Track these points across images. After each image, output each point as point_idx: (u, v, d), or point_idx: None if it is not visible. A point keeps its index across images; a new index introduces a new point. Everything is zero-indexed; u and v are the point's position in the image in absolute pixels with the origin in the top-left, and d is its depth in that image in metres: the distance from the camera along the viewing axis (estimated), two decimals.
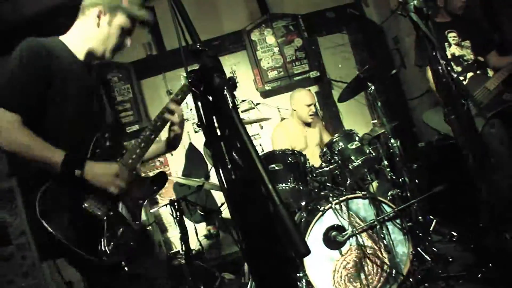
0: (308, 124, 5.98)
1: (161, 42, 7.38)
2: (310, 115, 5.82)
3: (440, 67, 2.22)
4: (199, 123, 1.48)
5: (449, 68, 2.22)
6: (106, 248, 2.41)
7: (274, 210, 1.22)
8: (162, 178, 3.00)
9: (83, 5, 2.79)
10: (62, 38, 2.76)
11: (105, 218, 2.49)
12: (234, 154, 1.40)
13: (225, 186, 1.46)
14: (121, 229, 2.56)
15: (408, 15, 2.17)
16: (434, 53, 2.21)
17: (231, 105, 1.35)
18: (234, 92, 1.41)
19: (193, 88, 1.47)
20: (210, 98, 1.45)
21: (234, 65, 7.37)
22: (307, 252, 1.24)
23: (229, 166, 1.42)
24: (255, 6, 7.55)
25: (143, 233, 2.94)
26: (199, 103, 1.47)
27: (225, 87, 1.38)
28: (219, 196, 6.82)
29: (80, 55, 2.75)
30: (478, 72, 4.77)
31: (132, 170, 2.74)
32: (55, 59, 2.53)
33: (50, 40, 2.66)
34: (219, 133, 1.45)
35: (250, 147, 1.26)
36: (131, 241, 2.61)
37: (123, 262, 2.51)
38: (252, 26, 7.22)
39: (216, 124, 1.45)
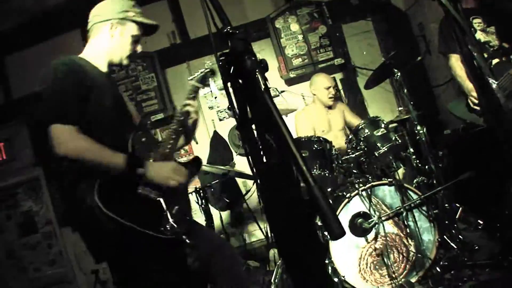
0: (329, 107, 5.99)
1: (184, 31, 7.41)
2: (330, 98, 5.86)
3: (469, 52, 2.19)
4: (229, 106, 1.49)
5: (479, 52, 2.19)
6: (169, 225, 2.58)
7: (307, 192, 1.22)
8: (197, 162, 3.28)
9: (93, 25, 3.03)
10: (82, 56, 2.98)
11: (161, 199, 2.66)
12: (267, 137, 1.40)
13: (255, 170, 1.46)
14: (176, 207, 2.73)
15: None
16: (463, 38, 2.18)
17: (263, 87, 1.34)
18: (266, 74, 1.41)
19: (224, 71, 1.47)
20: (241, 81, 1.45)
21: (258, 53, 7.34)
22: (342, 233, 1.24)
23: (260, 149, 1.42)
24: None
25: None
26: (230, 87, 1.47)
27: (256, 70, 1.38)
28: (243, 184, 6.83)
29: (103, 68, 3.00)
30: (504, 58, 4.70)
31: (170, 159, 2.93)
32: (87, 74, 2.75)
33: (77, 58, 2.89)
34: (250, 116, 1.45)
35: (284, 129, 1.26)
36: (186, 215, 2.89)
37: (184, 236, 2.66)
38: (276, 13, 7.20)
39: (247, 107, 1.45)
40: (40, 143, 7.28)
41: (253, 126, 1.46)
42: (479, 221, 4.90)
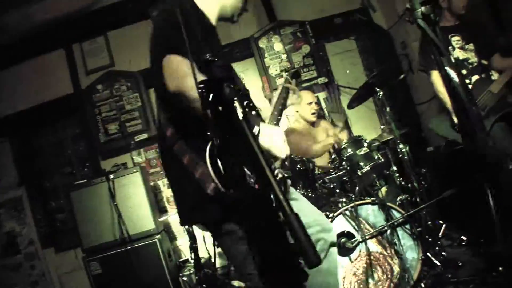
0: (313, 124, 6.03)
1: None
2: (313, 113, 5.89)
3: (447, 72, 2.23)
4: (208, 134, 1.49)
5: (458, 72, 2.22)
6: None
7: (285, 220, 1.24)
8: None
9: None
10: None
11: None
12: (244, 167, 1.40)
13: (236, 197, 1.47)
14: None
15: (415, 21, 2.17)
16: (441, 59, 2.21)
17: (241, 116, 1.36)
18: (245, 102, 1.42)
19: (203, 99, 1.48)
20: (220, 108, 1.45)
21: (243, 72, 7.39)
22: (318, 262, 1.25)
23: (239, 178, 1.43)
24: (263, 13, 7.58)
25: None
26: (209, 114, 1.48)
27: (235, 98, 1.39)
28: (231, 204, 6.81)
29: (213, 19, 2.85)
30: (483, 75, 4.76)
31: None
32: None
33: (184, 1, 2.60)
34: (228, 145, 1.46)
35: (261, 158, 1.27)
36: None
37: None
38: (260, 33, 7.26)
39: (227, 135, 1.46)
40: (23, 162, 7.27)
41: (233, 155, 1.47)
42: (462, 237, 4.91)
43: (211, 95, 1.44)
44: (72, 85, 7.38)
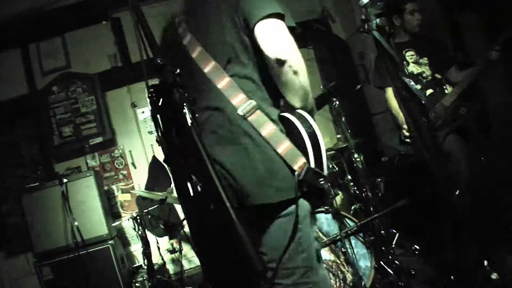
0: None
1: (126, 54, 7.33)
2: None
3: (402, 83, 2.25)
4: (157, 139, 1.47)
5: (411, 84, 2.24)
6: None
7: (232, 227, 1.22)
8: None
9: None
10: None
11: None
12: (192, 173, 1.39)
13: (184, 203, 1.45)
14: None
15: (370, 33, 2.19)
16: (396, 72, 2.23)
17: (190, 121, 1.34)
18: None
19: (153, 104, 1.46)
20: (170, 113, 1.44)
21: None
22: (264, 270, 1.24)
23: (188, 183, 1.41)
24: None
25: None
26: (159, 119, 1.46)
27: (185, 103, 1.38)
28: (182, 210, 6.77)
29: None
30: (437, 89, 4.82)
31: None
32: None
33: None
34: (178, 149, 1.44)
35: (208, 164, 1.25)
36: None
37: None
38: None
39: (175, 140, 1.44)
40: None
41: (181, 160, 1.45)
42: (415, 246, 4.96)
43: (161, 99, 1.42)
44: (27, 86, 7.20)
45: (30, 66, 7.26)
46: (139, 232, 5.29)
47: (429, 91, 4.78)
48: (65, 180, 5.83)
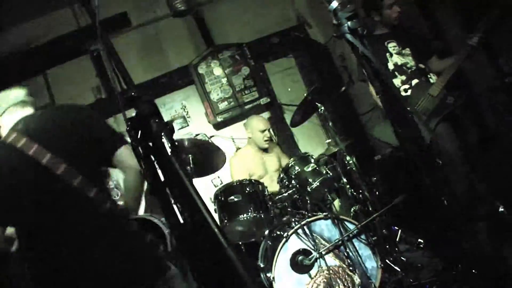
0: (265, 150, 6.00)
1: (109, 85, 7.31)
2: (266, 141, 5.86)
3: (380, 84, 2.25)
4: (141, 171, 1.47)
5: (390, 83, 2.25)
6: None
7: (223, 253, 1.21)
8: None
9: None
10: None
11: None
12: (177, 202, 1.38)
13: (175, 231, 1.45)
14: None
15: (343, 36, 2.19)
16: (373, 71, 2.23)
17: (169, 150, 1.34)
18: (173, 137, 1.40)
19: (132, 136, 1.45)
20: (150, 144, 1.43)
21: (184, 100, 7.37)
22: None
23: (176, 212, 1.41)
24: (200, 39, 7.58)
25: None
26: (140, 151, 1.45)
27: (162, 133, 1.37)
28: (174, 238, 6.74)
29: None
30: (422, 78, 4.82)
31: None
32: None
33: None
34: (162, 180, 1.43)
35: (193, 192, 1.25)
36: None
37: None
38: (198, 59, 7.23)
39: (159, 171, 1.44)
40: None
41: (167, 190, 1.44)
42: (419, 240, 4.95)
43: (139, 132, 1.42)
44: None
45: None
46: None
47: (414, 81, 4.78)
48: None
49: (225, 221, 4.52)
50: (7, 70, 6.93)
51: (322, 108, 4.99)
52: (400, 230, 5.02)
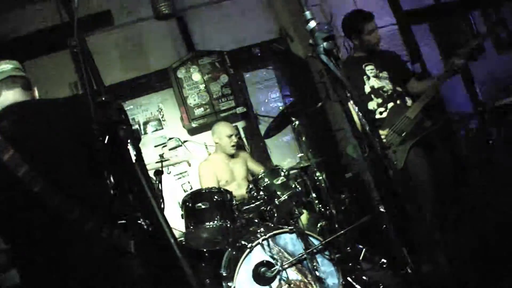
0: (232, 156, 6.02)
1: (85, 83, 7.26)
2: (232, 146, 5.87)
3: (351, 107, 2.29)
4: (105, 175, 1.48)
5: (360, 107, 2.28)
6: None
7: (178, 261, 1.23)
8: None
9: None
10: None
11: None
12: (137, 208, 1.39)
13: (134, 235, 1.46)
14: None
15: (318, 57, 2.22)
16: (345, 94, 2.27)
17: (134, 157, 1.35)
18: (140, 145, 1.41)
19: (99, 141, 1.46)
20: (116, 150, 1.44)
21: (161, 103, 7.35)
22: None
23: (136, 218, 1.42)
24: (182, 43, 7.58)
25: None
26: (104, 155, 1.46)
27: (129, 140, 1.39)
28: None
29: None
30: (398, 101, 4.87)
31: None
32: None
33: None
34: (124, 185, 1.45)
35: (153, 200, 1.26)
36: None
37: None
38: (178, 63, 7.23)
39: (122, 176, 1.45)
40: None
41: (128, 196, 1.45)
42: (383, 260, 4.99)
43: (107, 136, 1.43)
44: None
45: None
46: None
47: (390, 105, 4.81)
48: None
49: (191, 227, 4.52)
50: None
51: (297, 122, 5.02)
52: (364, 249, 5.06)
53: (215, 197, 4.58)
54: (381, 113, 4.82)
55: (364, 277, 4.56)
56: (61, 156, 2.32)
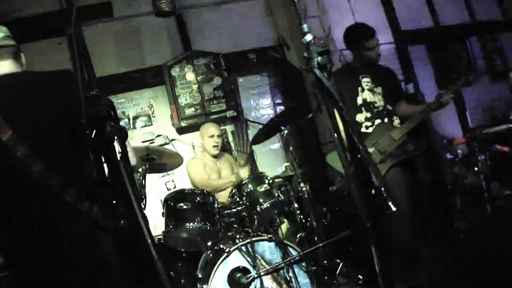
0: (215, 157, 6.00)
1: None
2: (214, 146, 5.86)
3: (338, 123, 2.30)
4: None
5: (350, 122, 2.30)
6: None
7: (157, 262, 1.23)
8: None
9: None
10: None
11: None
12: (117, 205, 1.40)
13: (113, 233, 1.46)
14: None
15: (311, 70, 2.23)
16: (335, 108, 2.28)
17: (119, 155, 1.35)
18: (126, 142, 1.42)
19: (87, 135, 1.46)
20: (102, 145, 1.45)
21: (152, 99, 7.35)
22: None
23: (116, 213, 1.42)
24: (179, 42, 7.60)
25: None
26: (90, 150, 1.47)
27: (115, 137, 1.39)
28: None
29: None
30: (386, 119, 4.88)
31: None
32: None
33: None
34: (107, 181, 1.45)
35: (133, 200, 1.26)
36: None
37: None
38: (173, 61, 7.23)
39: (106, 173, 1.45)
40: None
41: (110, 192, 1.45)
42: (359, 276, 5.00)
43: (94, 131, 1.43)
44: None
45: None
46: None
47: (377, 121, 4.83)
48: None
49: (171, 226, 4.52)
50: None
51: (286, 131, 5.02)
52: (341, 264, 5.06)
53: (198, 198, 4.58)
54: (367, 127, 4.83)
55: None
56: (43, 126, 2.44)
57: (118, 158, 1.36)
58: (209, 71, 7.32)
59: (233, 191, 4.88)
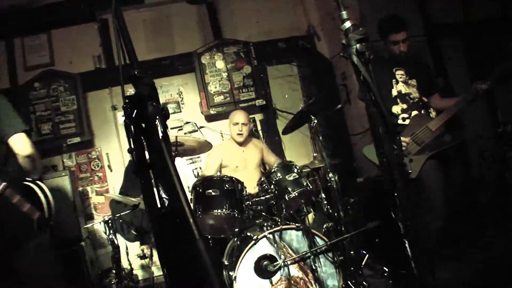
0: (241, 144, 5.95)
1: (111, 56, 7.31)
2: (238, 134, 5.81)
3: (375, 111, 2.28)
4: (129, 149, 1.48)
5: (384, 112, 2.27)
6: None
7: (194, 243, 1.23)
8: None
9: None
10: None
11: None
12: (160, 185, 1.40)
13: (151, 213, 1.46)
14: None
15: (350, 58, 2.21)
16: (372, 97, 2.26)
17: (161, 135, 1.35)
18: (167, 122, 1.42)
19: (127, 114, 1.47)
20: (143, 125, 1.45)
21: (182, 86, 7.38)
22: (220, 285, 1.25)
23: (156, 195, 1.42)
24: (209, 30, 7.62)
25: None
26: (132, 130, 1.47)
27: (157, 116, 1.39)
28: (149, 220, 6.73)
29: None
30: (422, 111, 4.87)
31: None
32: None
33: None
34: (148, 161, 1.45)
35: (176, 179, 1.26)
36: None
37: None
38: (203, 49, 7.25)
39: (146, 152, 1.45)
40: None
41: (150, 172, 1.45)
42: (384, 268, 4.98)
43: (135, 111, 1.43)
44: (9, 80, 7.11)
45: (14, 60, 7.18)
46: (109, 236, 5.25)
47: (414, 112, 4.82)
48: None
49: (199, 212, 4.53)
50: (13, 22, 6.92)
51: (315, 121, 4.99)
52: (367, 255, 5.05)
53: (226, 185, 4.58)
54: (403, 119, 4.82)
55: (364, 283, 4.53)
56: None
57: (160, 138, 1.36)
58: (239, 59, 7.33)
59: (262, 179, 4.87)
